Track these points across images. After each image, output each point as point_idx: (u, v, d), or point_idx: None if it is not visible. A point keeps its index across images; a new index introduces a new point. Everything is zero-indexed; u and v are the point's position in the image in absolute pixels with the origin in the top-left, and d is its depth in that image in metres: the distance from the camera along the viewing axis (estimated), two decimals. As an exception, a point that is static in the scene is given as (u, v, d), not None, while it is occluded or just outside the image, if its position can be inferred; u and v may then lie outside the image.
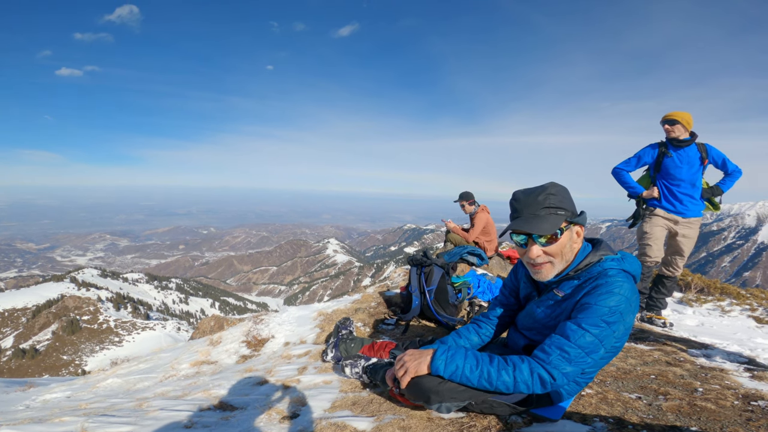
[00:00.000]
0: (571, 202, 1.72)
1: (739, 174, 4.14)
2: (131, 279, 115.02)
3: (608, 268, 1.69)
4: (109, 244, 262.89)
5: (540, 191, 1.69)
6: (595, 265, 1.71)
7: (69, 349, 63.60)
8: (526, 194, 1.72)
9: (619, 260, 1.72)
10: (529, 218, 1.68)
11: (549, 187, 1.70)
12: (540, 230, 1.64)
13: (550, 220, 1.66)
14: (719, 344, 3.76)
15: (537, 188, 1.72)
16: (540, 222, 1.66)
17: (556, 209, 1.67)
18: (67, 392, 3.04)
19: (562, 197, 1.69)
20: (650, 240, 4.21)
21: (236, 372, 2.90)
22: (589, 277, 1.69)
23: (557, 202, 1.67)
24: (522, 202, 1.72)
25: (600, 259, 1.73)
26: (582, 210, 1.76)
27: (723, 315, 5.65)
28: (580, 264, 1.73)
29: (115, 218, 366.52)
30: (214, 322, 5.06)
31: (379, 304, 4.34)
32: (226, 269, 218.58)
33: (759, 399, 2.14)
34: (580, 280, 1.72)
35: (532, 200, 1.69)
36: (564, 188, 1.73)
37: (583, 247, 1.78)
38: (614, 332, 1.60)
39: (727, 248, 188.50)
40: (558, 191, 1.70)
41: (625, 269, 1.70)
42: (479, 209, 6.18)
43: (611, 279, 1.63)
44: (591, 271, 1.71)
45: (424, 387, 1.73)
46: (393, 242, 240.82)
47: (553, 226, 1.65)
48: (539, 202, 1.67)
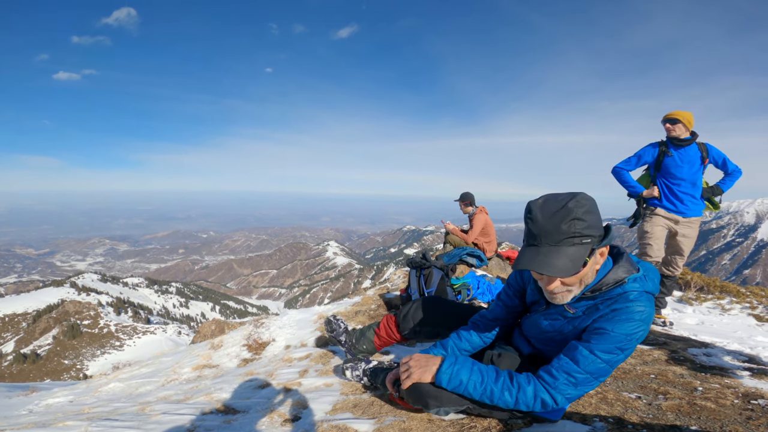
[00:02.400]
0: (600, 222, 1.44)
1: (739, 174, 4.15)
2: (131, 283, 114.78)
3: (629, 290, 1.51)
4: (109, 248, 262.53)
5: (564, 215, 1.38)
6: (617, 286, 1.53)
7: (70, 354, 63.46)
8: (547, 216, 1.41)
9: (642, 280, 1.54)
10: (548, 254, 1.41)
11: (575, 209, 1.38)
12: (562, 272, 1.40)
13: (572, 254, 1.40)
14: (719, 343, 3.76)
15: (560, 209, 1.40)
16: (562, 258, 1.40)
17: (581, 238, 1.40)
18: (70, 397, 3.05)
19: (590, 220, 1.40)
20: (651, 239, 4.21)
21: (238, 375, 2.91)
22: (608, 299, 1.53)
23: (584, 229, 1.39)
24: (540, 226, 1.42)
25: (622, 281, 1.52)
26: (607, 223, 1.50)
27: (723, 313, 5.66)
28: (599, 283, 1.54)
29: (114, 223, 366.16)
30: (215, 325, 5.07)
31: (379, 307, 4.35)
32: (226, 273, 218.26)
33: (759, 398, 2.15)
34: (596, 300, 1.56)
35: (553, 227, 1.40)
36: (591, 203, 1.42)
37: (604, 264, 1.56)
38: (626, 356, 1.51)
39: (726, 246, 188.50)
40: (585, 213, 1.39)
41: (647, 290, 1.53)
42: (477, 210, 6.19)
43: (633, 305, 1.47)
44: (610, 294, 1.53)
45: (423, 392, 1.73)
46: (393, 244, 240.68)
47: (577, 263, 1.41)
48: (562, 231, 1.39)
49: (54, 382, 5.91)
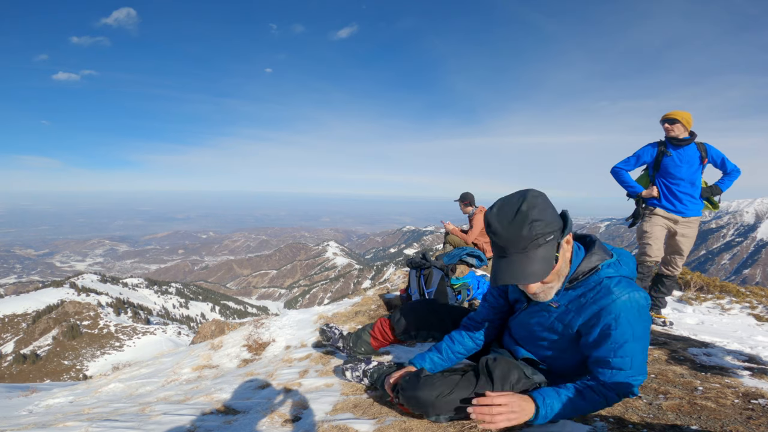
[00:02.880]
0: (555, 214, 1.45)
1: (737, 173, 4.15)
2: (131, 284, 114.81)
3: (605, 276, 1.54)
4: (108, 249, 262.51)
5: (522, 221, 1.38)
6: (592, 274, 1.55)
7: (70, 354, 63.46)
8: (505, 226, 1.41)
9: (616, 265, 1.57)
10: (518, 262, 1.42)
11: (529, 212, 1.38)
12: (537, 277, 1.42)
13: (541, 255, 1.41)
14: (719, 342, 3.76)
15: (515, 216, 1.39)
16: (533, 263, 1.41)
17: (544, 236, 1.40)
18: (70, 397, 3.05)
19: (545, 217, 1.40)
20: (650, 239, 4.22)
21: (238, 376, 2.91)
22: (587, 289, 1.55)
23: (544, 228, 1.39)
24: (503, 238, 1.42)
25: (596, 267, 1.55)
26: (563, 210, 1.51)
27: (723, 313, 5.66)
28: (575, 273, 1.56)
29: (113, 223, 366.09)
30: (214, 326, 5.07)
31: (379, 307, 4.35)
32: (226, 273, 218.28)
33: (759, 397, 2.15)
34: (577, 290, 1.58)
35: (514, 235, 1.39)
36: (542, 199, 1.43)
37: (575, 252, 1.57)
38: (644, 341, 1.52)
39: (726, 246, 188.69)
40: (540, 212, 1.39)
41: (624, 275, 1.56)
42: (477, 210, 6.20)
43: (614, 306, 1.47)
44: (588, 282, 1.55)
45: (421, 401, 1.74)
46: (392, 244, 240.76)
47: (549, 263, 1.43)
48: (525, 237, 1.38)
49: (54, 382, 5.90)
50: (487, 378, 1.72)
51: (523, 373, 1.72)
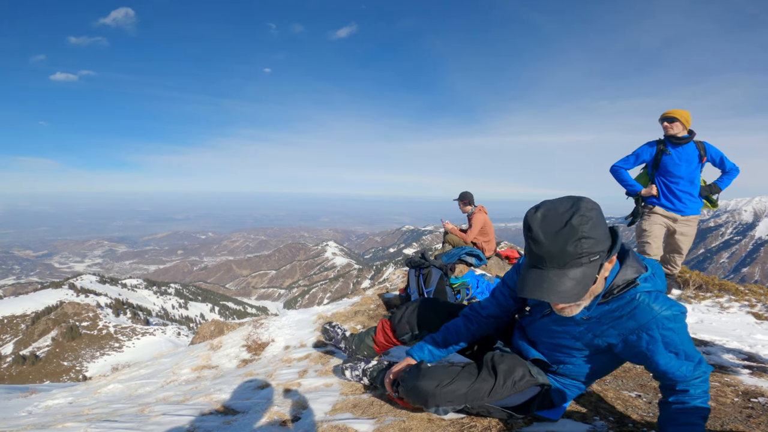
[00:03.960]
0: (606, 233, 1.32)
1: (736, 172, 4.16)
2: (130, 285, 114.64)
3: (642, 291, 1.44)
4: (107, 250, 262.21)
5: (569, 236, 1.24)
6: (629, 289, 1.44)
7: (69, 356, 63.39)
8: (550, 237, 1.27)
9: (652, 279, 1.47)
10: (554, 279, 1.29)
11: (580, 227, 1.24)
12: (572, 298, 1.30)
13: (581, 275, 1.29)
14: (718, 341, 3.76)
15: (563, 227, 1.25)
16: (570, 282, 1.29)
17: (589, 256, 1.27)
18: (69, 398, 3.04)
19: (596, 235, 1.26)
20: (649, 238, 4.22)
21: (237, 376, 2.90)
22: (624, 303, 1.45)
23: (591, 247, 1.26)
24: (544, 249, 1.28)
25: (634, 283, 1.44)
26: (613, 226, 1.39)
27: (722, 311, 5.66)
28: (610, 287, 1.45)
29: (112, 224, 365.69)
30: (214, 326, 5.06)
31: (378, 307, 4.35)
32: (225, 274, 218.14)
33: (759, 396, 2.15)
34: (610, 305, 1.47)
35: (558, 250, 1.26)
36: (596, 214, 1.28)
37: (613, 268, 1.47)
38: (684, 331, 1.44)
39: (724, 244, 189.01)
40: (591, 228, 1.25)
41: (659, 290, 1.46)
42: (476, 210, 6.19)
43: (657, 322, 1.40)
44: (624, 296, 1.45)
45: (421, 391, 1.73)
46: (392, 244, 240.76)
47: (587, 284, 1.31)
48: (569, 254, 1.25)
49: (53, 383, 5.89)
50: (491, 371, 1.71)
51: (529, 372, 1.71)
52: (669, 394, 1.52)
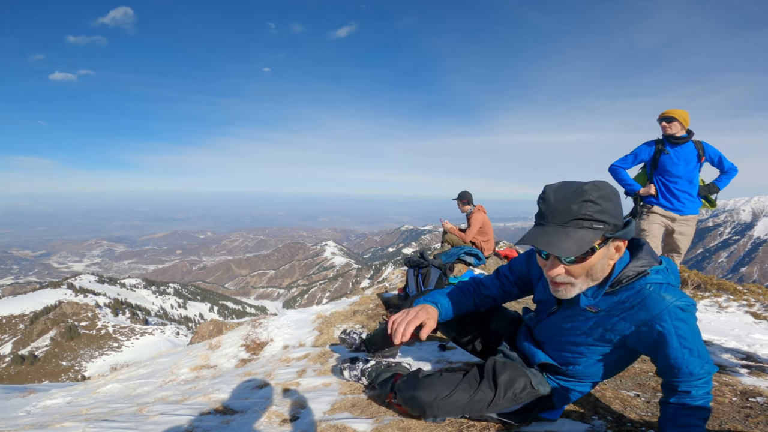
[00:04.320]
0: (618, 211, 1.36)
1: (735, 172, 4.16)
2: (129, 284, 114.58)
3: (653, 282, 1.40)
4: (106, 250, 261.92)
5: (577, 196, 1.31)
6: (639, 279, 1.41)
7: (68, 355, 63.35)
8: (559, 195, 1.34)
9: (665, 272, 1.43)
10: (553, 231, 1.33)
11: (590, 191, 1.31)
12: (562, 251, 1.30)
13: (580, 236, 1.31)
14: (717, 340, 3.77)
15: (575, 189, 1.33)
16: (566, 239, 1.31)
17: (592, 222, 1.31)
18: (68, 398, 3.04)
19: (605, 206, 1.31)
20: (648, 237, 4.22)
21: (236, 376, 2.90)
22: (633, 293, 1.41)
23: (596, 213, 1.30)
24: (551, 205, 1.35)
25: (644, 272, 1.41)
26: (627, 217, 1.41)
27: (720, 311, 5.67)
28: (618, 276, 1.42)
29: (111, 224, 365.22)
30: (212, 326, 5.06)
31: (377, 306, 4.35)
32: (224, 273, 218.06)
33: (757, 395, 2.16)
34: (619, 295, 1.43)
35: (563, 206, 1.32)
36: (611, 191, 1.34)
37: (620, 259, 1.44)
38: (695, 325, 1.38)
39: (723, 244, 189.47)
40: (601, 197, 1.31)
41: (670, 283, 1.41)
42: (475, 209, 6.20)
43: (668, 312, 1.34)
44: (633, 286, 1.41)
45: (419, 402, 1.70)
46: (391, 243, 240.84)
47: (583, 246, 1.31)
48: (572, 212, 1.31)
49: (52, 383, 5.89)
50: (491, 382, 1.66)
51: (530, 383, 1.65)
52: (670, 393, 1.46)
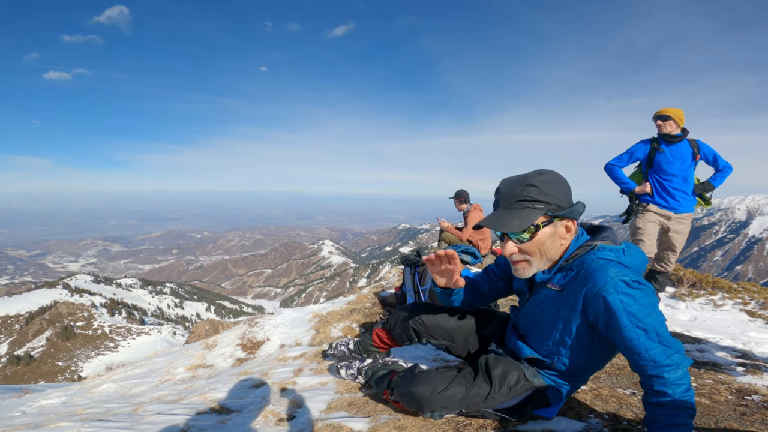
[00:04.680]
0: (560, 193, 1.51)
1: (729, 170, 4.18)
2: (125, 284, 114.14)
3: (602, 257, 1.49)
4: (101, 249, 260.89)
5: (520, 181, 1.51)
6: (589, 253, 1.52)
7: (64, 356, 63.10)
8: (507, 184, 1.56)
9: (619, 253, 1.52)
10: (501, 213, 1.54)
11: (531, 177, 1.50)
12: (507, 227, 1.50)
13: (522, 215, 1.49)
14: (712, 339, 3.79)
15: (520, 177, 1.54)
16: (509, 218, 1.50)
17: (533, 203, 1.48)
18: (63, 398, 3.02)
19: (545, 188, 1.49)
20: (643, 235, 4.24)
21: (232, 375, 2.90)
22: (583, 267, 1.51)
23: (536, 195, 1.48)
24: (501, 193, 1.56)
25: (594, 246, 1.52)
26: (578, 201, 1.56)
27: (715, 309, 5.70)
28: (573, 253, 1.56)
29: (106, 224, 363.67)
30: (209, 325, 5.04)
31: (374, 305, 4.35)
32: (221, 273, 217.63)
33: (753, 393, 2.17)
34: (573, 270, 1.54)
35: (509, 191, 1.53)
36: (554, 177, 1.52)
37: (577, 237, 1.59)
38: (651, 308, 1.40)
39: (718, 242, 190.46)
40: (542, 181, 1.49)
41: (623, 263, 1.49)
42: (472, 208, 6.20)
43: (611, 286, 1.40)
44: (584, 259, 1.52)
45: (416, 397, 1.72)
46: (388, 242, 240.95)
47: (524, 223, 1.48)
48: (515, 195, 1.51)
49: (48, 383, 5.86)
50: (485, 376, 1.70)
51: (523, 375, 1.68)
52: (648, 392, 1.44)
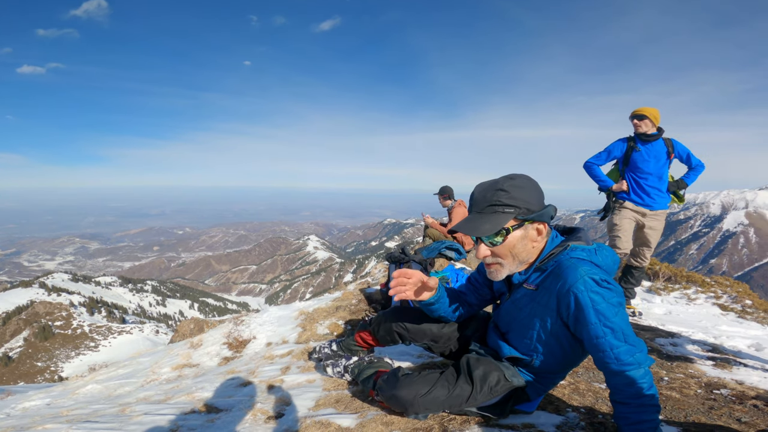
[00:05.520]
0: (530, 197, 1.55)
1: (702, 168, 4.32)
2: (104, 282, 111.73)
3: (573, 257, 1.54)
4: (79, 247, 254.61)
5: (491, 187, 1.56)
6: (562, 253, 1.58)
7: (43, 356, 61.55)
8: (480, 189, 1.60)
9: (590, 252, 1.56)
10: (474, 218, 1.58)
11: (501, 182, 1.55)
12: (479, 231, 1.54)
13: (492, 219, 1.54)
14: (685, 332, 3.91)
15: (491, 183, 1.58)
16: (480, 222, 1.55)
17: (503, 207, 1.53)
18: (47, 399, 2.99)
19: (515, 193, 1.53)
20: (619, 231, 4.36)
21: (219, 374, 2.91)
22: (556, 267, 1.56)
23: (506, 199, 1.53)
24: (474, 198, 1.61)
25: (567, 246, 1.58)
26: (549, 204, 1.59)
27: (689, 303, 5.89)
28: (547, 254, 1.61)
29: (83, 221, 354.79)
30: (193, 324, 5.01)
31: (360, 302, 4.39)
32: (204, 270, 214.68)
33: (721, 387, 2.26)
34: (547, 270, 1.60)
35: (481, 197, 1.58)
36: (525, 182, 1.56)
37: (551, 239, 1.64)
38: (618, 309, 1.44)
39: (693, 236, 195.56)
40: (512, 186, 1.54)
41: (594, 261, 1.54)
42: (456, 204, 6.27)
43: (580, 284, 1.45)
44: (558, 259, 1.57)
45: (400, 400, 1.77)
46: (374, 237, 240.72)
47: (495, 226, 1.53)
48: (486, 200, 1.56)
49: (28, 384, 5.75)
50: (467, 377, 1.74)
51: (503, 376, 1.72)
52: (613, 391, 1.49)
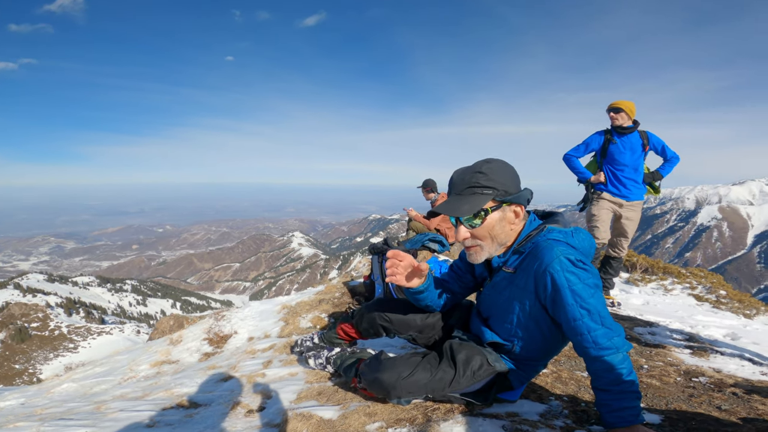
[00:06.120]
0: (508, 180, 1.58)
1: (676, 160, 4.42)
2: (81, 282, 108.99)
3: (550, 238, 1.56)
4: (54, 246, 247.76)
5: (470, 170, 1.59)
6: (539, 235, 1.60)
7: (20, 358, 59.82)
8: (459, 173, 1.63)
9: (567, 234, 1.59)
10: (452, 200, 1.60)
11: (479, 165, 1.59)
12: (457, 212, 1.56)
13: (471, 200, 1.56)
14: (663, 322, 4.01)
15: (469, 166, 1.62)
16: (460, 203, 1.57)
17: (482, 188, 1.56)
18: (21, 399, 2.90)
19: (492, 175, 1.56)
20: (597, 222, 4.44)
21: (199, 370, 2.86)
22: (533, 248, 1.58)
23: (485, 181, 1.55)
24: (453, 182, 1.64)
25: (544, 228, 1.61)
26: (525, 188, 1.63)
27: (666, 294, 6.05)
28: (525, 237, 1.63)
29: (58, 219, 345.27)
30: (173, 321, 4.93)
31: (343, 294, 4.37)
32: (186, 268, 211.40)
33: (700, 375, 2.31)
34: (525, 252, 1.62)
35: (460, 179, 1.61)
36: (501, 165, 1.60)
37: (528, 223, 1.66)
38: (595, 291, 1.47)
39: (669, 230, 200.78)
40: (490, 169, 1.57)
41: (570, 243, 1.56)
42: (440, 197, 6.29)
43: (555, 263, 1.47)
44: (535, 241, 1.59)
45: (383, 384, 1.75)
46: (358, 233, 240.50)
47: (474, 207, 1.55)
48: (465, 182, 1.59)
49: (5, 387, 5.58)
50: (450, 361, 1.74)
51: (486, 360, 1.72)
52: (591, 371, 1.51)
